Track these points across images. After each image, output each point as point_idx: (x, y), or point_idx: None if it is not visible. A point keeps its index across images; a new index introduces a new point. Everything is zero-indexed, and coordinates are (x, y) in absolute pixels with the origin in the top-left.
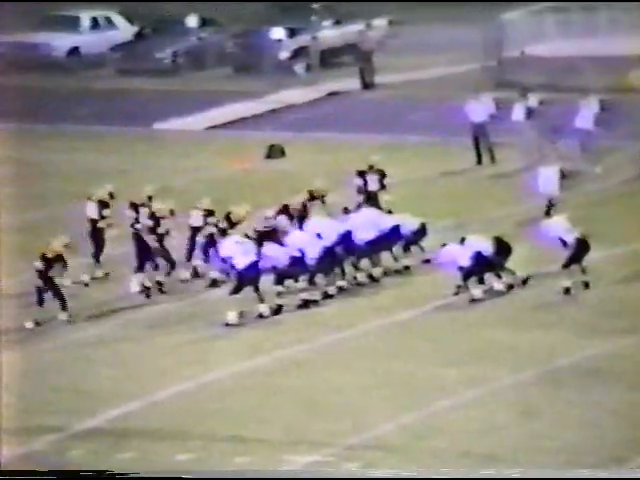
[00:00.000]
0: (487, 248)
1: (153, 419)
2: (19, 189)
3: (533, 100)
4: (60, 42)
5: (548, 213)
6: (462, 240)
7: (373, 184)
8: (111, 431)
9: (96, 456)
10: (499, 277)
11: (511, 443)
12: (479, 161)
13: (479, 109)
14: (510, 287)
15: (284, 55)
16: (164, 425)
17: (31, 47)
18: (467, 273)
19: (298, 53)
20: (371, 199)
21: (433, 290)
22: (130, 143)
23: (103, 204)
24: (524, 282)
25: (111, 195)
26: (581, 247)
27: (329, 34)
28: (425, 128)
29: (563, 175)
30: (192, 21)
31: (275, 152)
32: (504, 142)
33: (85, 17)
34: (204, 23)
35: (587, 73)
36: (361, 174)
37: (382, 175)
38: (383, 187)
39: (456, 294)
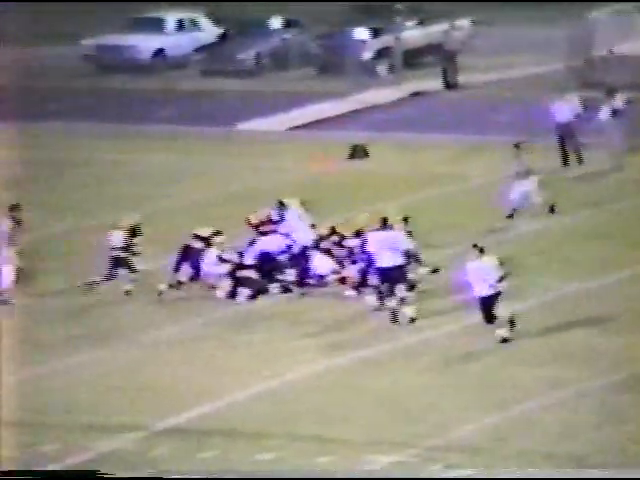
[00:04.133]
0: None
1: (234, 418)
2: (105, 190)
3: (620, 100)
4: (145, 44)
5: (511, 216)
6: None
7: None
8: (192, 430)
9: (178, 455)
10: None
11: (596, 446)
12: (565, 162)
13: (565, 109)
14: None
15: (367, 55)
16: (245, 424)
17: (117, 49)
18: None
19: (381, 53)
20: None
21: (511, 292)
22: (214, 144)
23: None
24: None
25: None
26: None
27: (412, 34)
28: (509, 128)
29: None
30: (276, 22)
31: (358, 153)
32: (591, 143)
33: (171, 19)
34: (288, 24)
35: None
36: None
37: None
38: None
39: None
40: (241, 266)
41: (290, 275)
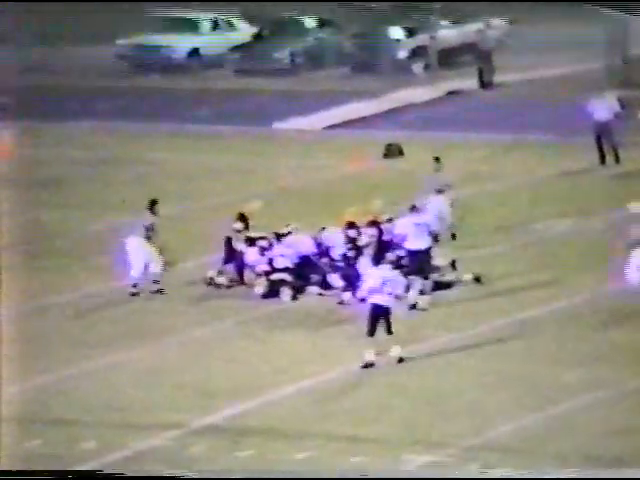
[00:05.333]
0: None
1: (271, 417)
2: (141, 189)
3: None
4: (181, 44)
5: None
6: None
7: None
8: (229, 429)
9: (216, 453)
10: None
11: (636, 446)
12: (602, 161)
13: (603, 108)
14: None
15: (402, 54)
16: (282, 424)
17: (153, 49)
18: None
19: (416, 53)
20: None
21: (551, 292)
22: (249, 143)
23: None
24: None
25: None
26: None
27: (448, 33)
28: (545, 127)
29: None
30: (310, 22)
31: (393, 151)
32: (628, 141)
33: (206, 19)
34: (322, 24)
35: None
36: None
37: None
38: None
39: None
40: (275, 269)
41: (333, 279)
